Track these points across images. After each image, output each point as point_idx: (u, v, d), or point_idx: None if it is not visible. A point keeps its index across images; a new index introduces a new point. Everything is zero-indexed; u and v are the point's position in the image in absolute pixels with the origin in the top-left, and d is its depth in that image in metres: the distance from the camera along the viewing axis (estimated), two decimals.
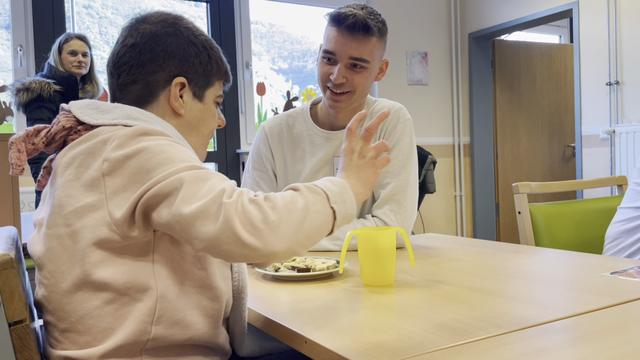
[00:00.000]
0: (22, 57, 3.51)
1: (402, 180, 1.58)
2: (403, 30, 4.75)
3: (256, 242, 0.79)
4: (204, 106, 1.06)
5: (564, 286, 1.08)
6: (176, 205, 0.82)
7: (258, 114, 4.40)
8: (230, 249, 0.79)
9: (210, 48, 1.06)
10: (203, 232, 0.80)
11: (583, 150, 4.18)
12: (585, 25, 4.10)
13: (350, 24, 1.47)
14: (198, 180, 0.83)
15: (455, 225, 5.08)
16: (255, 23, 4.47)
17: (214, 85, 1.07)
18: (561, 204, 1.99)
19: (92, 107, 0.96)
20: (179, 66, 1.01)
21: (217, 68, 1.07)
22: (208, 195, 0.81)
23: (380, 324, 0.88)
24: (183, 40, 1.02)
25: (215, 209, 0.80)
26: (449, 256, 1.44)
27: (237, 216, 0.79)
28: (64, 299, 0.90)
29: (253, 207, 0.81)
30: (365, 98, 1.63)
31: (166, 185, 0.83)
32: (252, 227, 0.79)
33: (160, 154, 0.86)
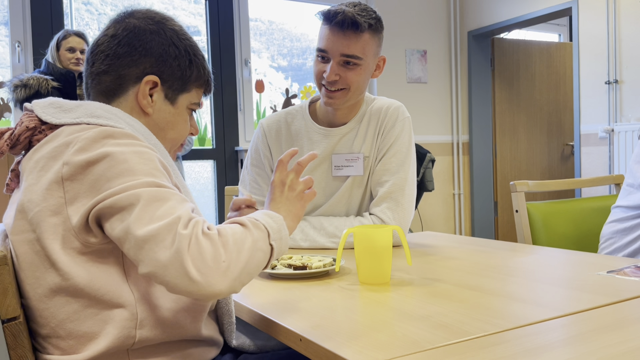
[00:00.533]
0: (20, 54, 3.50)
1: (400, 178, 1.59)
2: (402, 28, 4.75)
3: (202, 280, 0.77)
4: (175, 110, 1.04)
5: (561, 285, 1.08)
6: (130, 222, 0.80)
7: (257, 112, 4.40)
8: (174, 281, 0.77)
9: (193, 54, 1.04)
10: (151, 258, 0.78)
11: (582, 149, 4.18)
12: (584, 23, 4.10)
13: (340, 21, 1.47)
14: (155, 200, 0.81)
15: (454, 224, 5.09)
16: (254, 20, 4.46)
17: (190, 91, 1.05)
18: (559, 203, 1.99)
19: (54, 106, 0.94)
20: (154, 65, 1.00)
21: (197, 75, 1.05)
22: (163, 219, 0.79)
23: (376, 322, 0.88)
24: (165, 40, 1.01)
25: (169, 238, 0.78)
26: (445, 254, 1.43)
27: (189, 250, 0.77)
28: (41, 304, 0.88)
29: (207, 242, 0.79)
30: (361, 95, 1.63)
31: (122, 199, 0.81)
32: (203, 264, 0.78)
33: (123, 163, 0.84)
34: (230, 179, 4.17)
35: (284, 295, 1.07)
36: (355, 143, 1.65)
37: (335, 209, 1.64)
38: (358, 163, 1.63)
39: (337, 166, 1.64)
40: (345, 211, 1.65)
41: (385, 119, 1.64)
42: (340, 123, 1.66)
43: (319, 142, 1.66)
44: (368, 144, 1.65)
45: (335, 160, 1.64)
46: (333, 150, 1.65)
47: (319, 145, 1.65)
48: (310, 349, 0.81)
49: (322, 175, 1.65)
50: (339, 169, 1.64)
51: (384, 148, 1.63)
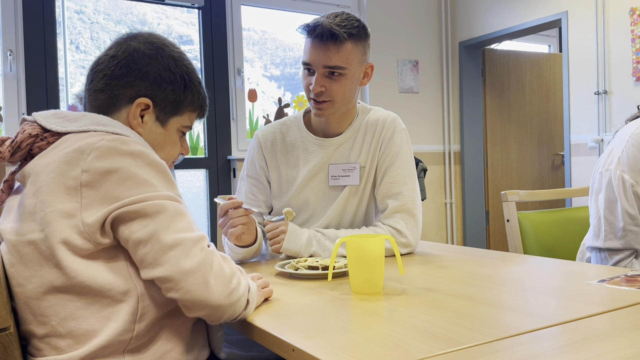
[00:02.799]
0: (12, 62, 3.49)
1: (409, 190, 1.61)
2: (394, 38, 4.78)
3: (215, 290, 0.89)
4: (165, 132, 1.08)
5: (552, 294, 1.08)
6: (157, 228, 0.87)
7: (250, 121, 4.40)
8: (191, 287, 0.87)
9: (189, 80, 1.08)
10: (173, 264, 0.86)
11: (572, 159, 4.21)
12: (574, 35, 4.14)
13: (318, 34, 1.49)
14: (178, 213, 0.91)
15: (446, 233, 5.10)
16: (247, 30, 4.48)
17: (182, 115, 1.09)
18: (550, 212, 2.00)
19: (58, 117, 0.97)
20: (148, 88, 1.04)
21: (190, 100, 1.09)
22: (188, 232, 0.90)
23: (369, 331, 0.88)
24: (162, 65, 1.05)
25: (196, 250, 0.89)
26: (438, 264, 1.44)
27: (213, 265, 0.90)
28: (43, 302, 0.89)
29: (227, 263, 0.94)
30: (350, 104, 1.63)
31: (149, 206, 0.88)
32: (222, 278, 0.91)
33: (140, 175, 0.90)
34: (222, 188, 4.16)
35: (276, 306, 1.07)
36: (352, 153, 1.66)
37: (332, 219, 1.64)
38: (354, 173, 1.64)
39: (334, 176, 1.65)
40: (341, 220, 1.66)
41: (382, 131, 1.66)
42: (334, 133, 1.67)
43: (314, 152, 1.66)
44: (364, 155, 1.65)
45: (332, 170, 1.65)
46: (329, 160, 1.66)
47: (315, 155, 1.66)
48: (303, 359, 0.81)
49: (318, 185, 1.65)
50: (335, 179, 1.65)
51: (385, 160, 1.64)
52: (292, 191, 1.65)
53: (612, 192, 1.52)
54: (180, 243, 0.88)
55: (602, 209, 1.55)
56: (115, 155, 0.89)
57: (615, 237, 1.52)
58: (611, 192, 1.53)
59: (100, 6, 4.02)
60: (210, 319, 0.94)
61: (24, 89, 3.52)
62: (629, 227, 1.50)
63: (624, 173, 1.51)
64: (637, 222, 1.51)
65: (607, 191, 1.54)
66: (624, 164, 1.52)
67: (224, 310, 0.92)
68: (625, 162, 1.52)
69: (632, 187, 1.50)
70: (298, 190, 1.65)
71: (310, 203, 1.65)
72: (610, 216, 1.53)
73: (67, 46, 3.82)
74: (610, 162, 1.55)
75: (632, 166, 1.51)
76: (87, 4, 3.97)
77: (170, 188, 0.94)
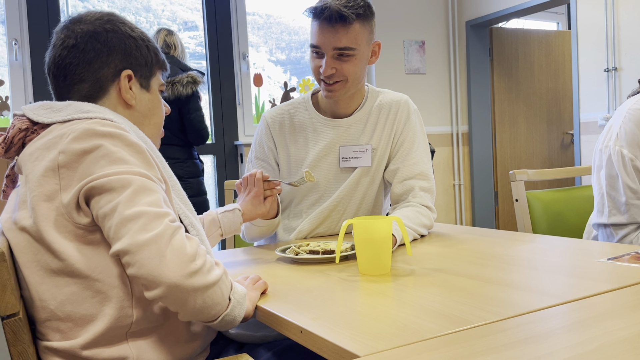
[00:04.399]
0: (17, 51, 3.49)
1: (429, 169, 1.66)
2: (400, 19, 4.73)
3: (171, 266, 0.81)
4: (152, 95, 1.11)
5: (561, 272, 1.08)
6: (120, 201, 0.85)
7: (255, 106, 4.39)
8: (144, 261, 0.81)
9: (147, 40, 1.10)
10: (131, 236, 0.82)
11: (581, 137, 4.17)
12: (582, 11, 4.08)
13: (327, 17, 1.47)
14: (145, 189, 0.88)
15: (455, 214, 5.08)
16: (251, 14, 4.45)
17: (156, 74, 1.12)
18: (559, 191, 1.99)
19: (44, 108, 0.98)
20: (123, 60, 1.05)
21: (156, 58, 1.11)
22: (153, 207, 0.86)
23: (377, 312, 0.88)
24: (122, 34, 1.06)
25: (155, 223, 0.84)
26: (445, 244, 1.43)
27: (173, 238, 0.83)
28: (42, 286, 0.90)
29: (191, 242, 0.86)
30: (360, 83, 1.63)
31: (114, 181, 0.86)
32: (180, 254, 0.83)
33: (116, 153, 0.89)
34: (230, 173, 4.17)
35: (285, 288, 1.07)
36: (364, 135, 1.65)
37: (342, 199, 1.64)
38: (366, 154, 1.64)
39: (345, 158, 1.65)
40: (350, 201, 1.65)
41: (397, 113, 1.67)
42: (344, 114, 1.67)
43: (324, 132, 1.66)
44: (377, 137, 1.65)
45: (342, 152, 1.65)
46: (339, 141, 1.65)
47: (324, 136, 1.65)
48: (312, 340, 0.81)
49: (329, 167, 1.65)
50: (347, 160, 1.65)
51: (405, 142, 1.66)
52: (301, 171, 1.65)
53: (613, 168, 1.55)
54: (140, 216, 0.84)
55: (604, 185, 1.57)
56: (93, 136, 0.90)
57: (619, 212, 1.54)
58: (612, 168, 1.55)
59: None
60: (175, 305, 0.85)
61: (30, 78, 3.53)
62: (631, 201, 1.52)
63: (623, 148, 1.53)
64: (639, 195, 1.52)
65: (607, 167, 1.56)
66: (622, 139, 1.54)
67: (185, 294, 0.83)
68: (624, 137, 1.54)
69: (632, 162, 1.52)
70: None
71: (321, 183, 1.65)
72: (612, 192, 1.55)
73: None
74: (609, 138, 1.58)
75: (630, 141, 1.53)
76: None
77: (147, 168, 0.92)
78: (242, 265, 1.32)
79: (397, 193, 1.64)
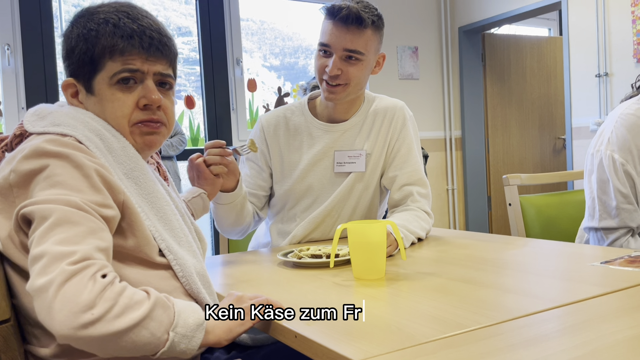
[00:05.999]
0: (9, 57, 3.48)
1: (424, 175, 1.67)
2: (393, 24, 4.75)
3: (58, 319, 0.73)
4: (96, 97, 0.98)
5: (555, 276, 1.08)
6: (35, 235, 0.79)
7: (249, 111, 4.39)
8: (38, 308, 0.75)
9: (88, 29, 0.95)
10: (32, 277, 0.76)
11: (573, 142, 4.19)
12: (574, 17, 4.11)
13: (344, 16, 1.48)
14: (65, 221, 0.80)
15: (448, 219, 5.10)
16: (245, 20, 4.45)
17: (105, 67, 0.96)
18: (552, 195, 2.00)
19: (36, 114, 0.95)
20: (68, 68, 0.99)
21: (103, 46, 0.94)
22: (60, 245, 0.77)
23: (371, 317, 0.88)
24: (66, 37, 0.99)
25: (52, 267, 0.75)
26: (440, 248, 1.43)
27: (64, 287, 0.73)
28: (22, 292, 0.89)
29: (89, 286, 0.75)
30: (361, 90, 1.64)
31: (38, 210, 0.81)
32: (70, 305, 0.73)
33: (58, 175, 0.84)
34: None
35: (279, 292, 1.07)
36: (358, 140, 1.66)
37: (335, 204, 1.64)
38: (360, 160, 1.64)
39: (339, 162, 1.65)
40: (344, 206, 1.65)
41: (393, 119, 1.67)
42: (340, 119, 1.67)
43: (319, 137, 1.66)
44: (372, 142, 1.65)
45: (337, 156, 1.65)
46: (334, 146, 1.65)
47: (319, 140, 1.65)
48: (306, 345, 0.81)
49: (323, 172, 1.65)
50: (341, 165, 1.65)
51: (401, 148, 1.66)
52: (295, 175, 1.65)
53: (604, 172, 1.56)
54: (42, 256, 0.76)
55: (595, 189, 1.58)
56: (42, 156, 0.85)
57: (609, 217, 1.55)
58: (603, 173, 1.56)
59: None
60: (88, 349, 0.76)
61: (22, 83, 3.52)
62: (621, 206, 1.53)
63: (614, 153, 1.54)
64: (630, 200, 1.53)
65: (598, 172, 1.57)
66: (613, 143, 1.55)
67: (87, 343, 0.74)
68: (615, 141, 1.55)
69: (623, 166, 1.53)
70: (302, 174, 1.65)
71: (314, 188, 1.65)
72: (603, 196, 1.56)
73: None
74: (600, 143, 1.59)
75: (621, 145, 1.54)
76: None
77: (92, 192, 0.85)
78: (237, 270, 1.32)
79: (395, 199, 1.65)
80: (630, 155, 1.53)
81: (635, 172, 1.53)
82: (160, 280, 0.93)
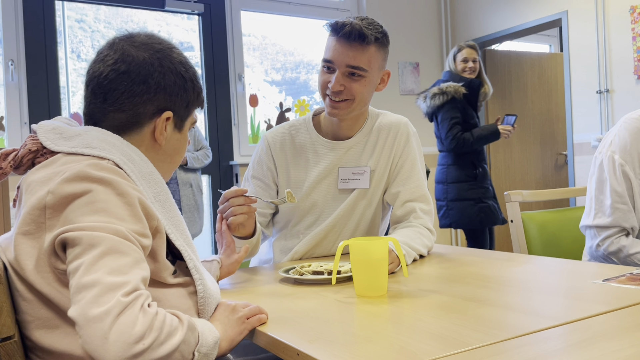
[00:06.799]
0: (13, 72, 3.51)
1: (427, 191, 1.68)
2: (394, 40, 4.78)
3: (113, 348, 0.74)
4: (181, 136, 1.08)
5: (557, 294, 1.08)
6: (82, 262, 0.80)
7: (251, 126, 4.40)
8: (87, 338, 0.75)
9: (196, 80, 1.08)
10: (81, 306, 0.76)
11: (575, 158, 4.20)
12: (574, 34, 4.14)
13: (347, 32, 1.49)
14: (114, 251, 0.81)
15: (450, 235, 5.08)
16: (247, 35, 4.49)
17: (191, 114, 1.09)
18: (553, 212, 2.00)
19: (56, 132, 0.95)
20: (167, 100, 1.02)
21: (196, 97, 1.09)
22: (112, 275, 0.79)
23: (373, 334, 0.88)
24: (174, 73, 1.03)
25: (107, 297, 0.77)
26: (442, 265, 1.43)
27: (119, 317, 0.76)
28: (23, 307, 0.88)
29: (141, 318, 0.77)
30: (365, 107, 1.64)
31: (85, 236, 0.81)
32: (125, 335, 0.75)
33: (102, 202, 0.85)
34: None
35: (281, 310, 1.07)
36: (363, 156, 1.66)
37: (338, 220, 1.64)
38: (364, 176, 1.64)
39: (344, 179, 1.65)
40: (347, 222, 1.65)
41: (397, 135, 1.68)
42: (345, 136, 1.67)
43: (324, 154, 1.66)
44: (375, 158, 1.66)
45: (341, 173, 1.65)
46: (339, 163, 1.65)
47: (324, 158, 1.66)
48: None
49: (328, 188, 1.65)
50: (345, 182, 1.65)
51: (404, 164, 1.67)
52: (300, 193, 1.65)
53: (603, 173, 1.61)
54: (94, 285, 0.77)
55: (594, 189, 1.64)
56: (84, 180, 0.86)
57: (603, 215, 1.59)
58: (602, 173, 1.61)
59: (100, 14, 4.03)
60: None
61: (25, 98, 3.54)
62: (616, 205, 1.57)
63: (615, 154, 1.59)
64: (624, 200, 1.57)
65: (598, 172, 1.63)
66: (615, 145, 1.60)
67: None
68: (617, 143, 1.60)
69: (622, 167, 1.57)
70: (307, 192, 1.65)
71: (318, 205, 1.65)
72: (600, 195, 1.62)
73: (68, 55, 3.83)
74: (603, 146, 1.64)
75: (622, 147, 1.58)
76: (87, 13, 3.98)
77: (134, 222, 0.87)
78: (241, 286, 1.32)
79: (398, 215, 1.65)
80: (630, 157, 1.57)
81: (633, 174, 1.57)
82: (177, 298, 0.96)
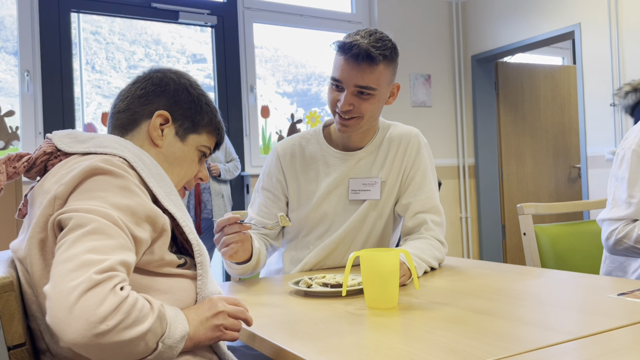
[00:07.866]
0: (29, 82, 3.55)
1: (439, 203, 1.67)
2: (406, 52, 4.79)
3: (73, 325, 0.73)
4: (184, 147, 1.10)
5: (571, 308, 1.06)
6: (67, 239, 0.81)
7: (262, 137, 4.42)
8: (53, 310, 0.74)
9: (205, 103, 1.12)
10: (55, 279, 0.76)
11: (588, 171, 4.16)
12: (587, 46, 4.12)
13: (354, 54, 1.47)
14: (99, 232, 0.82)
15: (462, 247, 5.05)
16: (259, 47, 4.52)
17: (201, 134, 1.11)
18: (567, 225, 1.98)
19: (70, 137, 1.00)
20: (167, 104, 1.08)
21: (207, 121, 1.12)
22: (90, 252, 0.79)
23: (384, 347, 0.87)
24: (180, 85, 1.10)
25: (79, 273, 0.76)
26: (453, 278, 1.42)
27: (87, 294, 0.75)
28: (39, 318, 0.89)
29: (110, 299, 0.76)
30: (375, 122, 1.64)
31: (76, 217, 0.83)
32: (89, 314, 0.74)
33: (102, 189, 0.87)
34: (236, 204, 4.17)
35: (290, 321, 1.06)
36: (374, 168, 1.66)
37: (349, 232, 1.64)
38: (375, 187, 1.63)
39: (354, 190, 1.64)
40: (358, 234, 1.65)
41: (408, 146, 1.67)
42: (355, 147, 1.67)
43: (335, 165, 1.66)
44: (387, 169, 1.65)
45: (352, 184, 1.65)
46: (350, 174, 1.65)
47: (335, 169, 1.66)
48: None
49: (338, 199, 1.65)
50: (355, 192, 1.64)
51: (415, 176, 1.66)
52: (311, 204, 1.65)
53: (622, 166, 1.65)
54: (71, 260, 0.77)
55: (613, 184, 1.67)
56: (92, 171, 0.89)
57: (619, 208, 1.63)
58: (621, 166, 1.65)
59: (115, 27, 4.08)
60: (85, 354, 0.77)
61: (40, 109, 3.58)
62: (630, 200, 1.61)
63: (637, 147, 1.62)
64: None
65: (618, 167, 1.66)
66: (638, 139, 1.64)
67: (91, 349, 0.76)
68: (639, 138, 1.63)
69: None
70: (317, 203, 1.65)
71: (329, 216, 1.65)
72: (617, 191, 1.65)
73: (83, 66, 3.88)
74: (626, 141, 1.68)
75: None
76: (102, 25, 4.03)
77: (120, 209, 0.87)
78: (248, 297, 1.31)
79: (409, 226, 1.64)
80: None
81: None
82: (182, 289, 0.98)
